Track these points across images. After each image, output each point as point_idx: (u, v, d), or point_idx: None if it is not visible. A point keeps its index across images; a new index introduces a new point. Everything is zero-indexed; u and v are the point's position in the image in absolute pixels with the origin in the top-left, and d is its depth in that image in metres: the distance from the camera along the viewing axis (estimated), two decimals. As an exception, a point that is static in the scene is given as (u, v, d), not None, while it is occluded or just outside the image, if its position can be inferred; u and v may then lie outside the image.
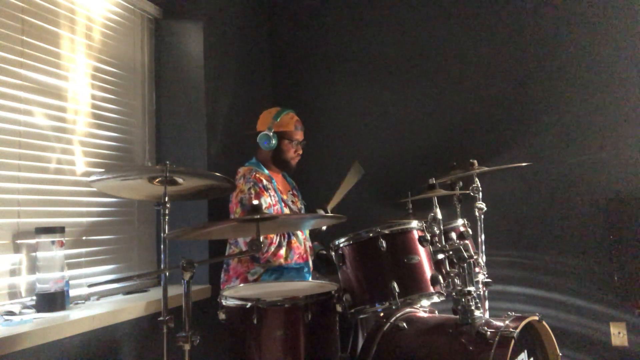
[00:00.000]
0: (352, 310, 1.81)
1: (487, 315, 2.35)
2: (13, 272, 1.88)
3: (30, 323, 1.70)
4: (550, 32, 2.95)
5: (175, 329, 1.59)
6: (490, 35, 3.07)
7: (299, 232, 2.41)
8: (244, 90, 3.18)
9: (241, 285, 2.19)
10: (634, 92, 2.79)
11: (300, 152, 2.57)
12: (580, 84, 2.88)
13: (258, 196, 2.30)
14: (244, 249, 2.32)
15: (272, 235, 2.27)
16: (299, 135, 2.54)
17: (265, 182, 2.40)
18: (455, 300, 1.78)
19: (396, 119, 3.25)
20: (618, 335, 2.73)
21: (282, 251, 2.31)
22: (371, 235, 1.83)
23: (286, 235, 2.35)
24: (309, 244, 2.52)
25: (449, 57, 3.15)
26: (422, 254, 1.83)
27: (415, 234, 1.86)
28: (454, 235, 2.26)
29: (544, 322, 1.81)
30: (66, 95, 2.18)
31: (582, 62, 2.88)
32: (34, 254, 1.91)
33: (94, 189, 2.20)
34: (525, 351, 1.77)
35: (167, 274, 1.74)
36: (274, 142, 2.46)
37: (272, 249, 2.27)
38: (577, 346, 2.79)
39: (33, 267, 1.91)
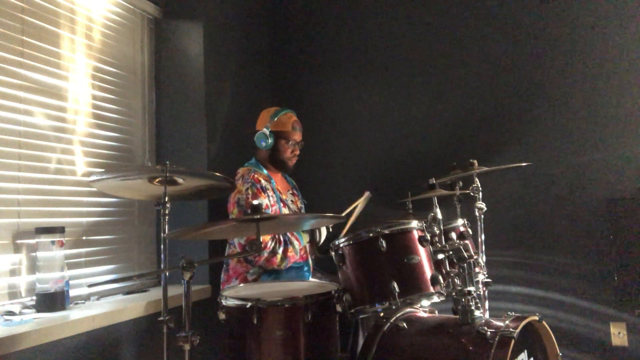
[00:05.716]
0: (352, 310, 1.81)
1: (487, 315, 2.35)
2: (13, 272, 1.88)
3: (30, 323, 1.71)
4: (550, 32, 2.95)
5: (175, 329, 1.59)
6: (490, 36, 3.07)
7: (295, 242, 2.37)
8: (244, 90, 3.18)
9: (241, 285, 2.19)
10: (634, 92, 2.79)
11: (297, 152, 2.56)
12: (581, 84, 2.88)
13: (255, 197, 2.30)
14: (238, 249, 2.32)
15: (267, 240, 2.26)
16: (297, 136, 2.53)
17: (263, 182, 2.39)
18: (455, 300, 1.78)
19: (396, 119, 3.25)
20: (618, 335, 2.73)
21: (276, 258, 2.29)
22: (371, 235, 1.82)
23: (282, 243, 2.32)
24: (307, 241, 2.50)
25: (449, 57, 3.15)
26: (422, 254, 1.83)
27: (415, 234, 1.85)
28: (454, 235, 2.25)
29: (544, 322, 1.81)
30: (66, 95, 2.18)
31: (582, 62, 2.88)
32: (34, 254, 1.91)
33: (94, 189, 2.20)
34: (525, 351, 1.77)
35: (167, 274, 1.74)
36: (270, 141, 2.45)
37: (266, 254, 2.26)
38: (577, 346, 2.79)
39: (33, 267, 1.91)
